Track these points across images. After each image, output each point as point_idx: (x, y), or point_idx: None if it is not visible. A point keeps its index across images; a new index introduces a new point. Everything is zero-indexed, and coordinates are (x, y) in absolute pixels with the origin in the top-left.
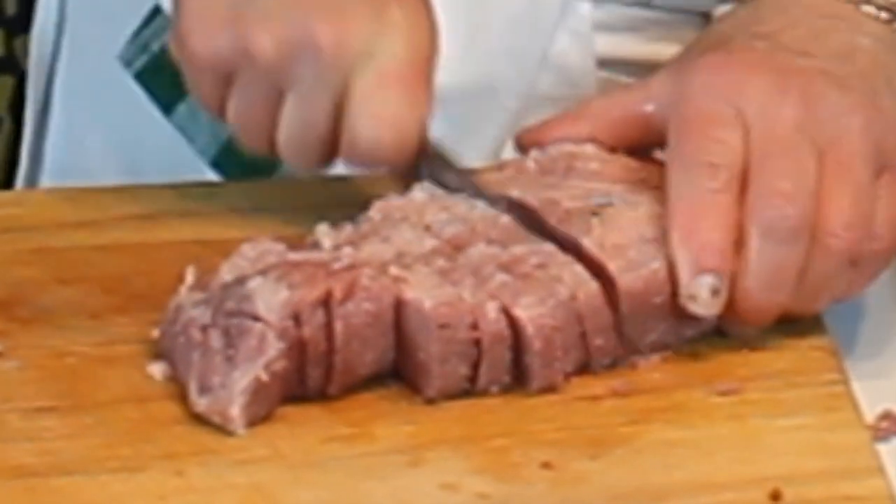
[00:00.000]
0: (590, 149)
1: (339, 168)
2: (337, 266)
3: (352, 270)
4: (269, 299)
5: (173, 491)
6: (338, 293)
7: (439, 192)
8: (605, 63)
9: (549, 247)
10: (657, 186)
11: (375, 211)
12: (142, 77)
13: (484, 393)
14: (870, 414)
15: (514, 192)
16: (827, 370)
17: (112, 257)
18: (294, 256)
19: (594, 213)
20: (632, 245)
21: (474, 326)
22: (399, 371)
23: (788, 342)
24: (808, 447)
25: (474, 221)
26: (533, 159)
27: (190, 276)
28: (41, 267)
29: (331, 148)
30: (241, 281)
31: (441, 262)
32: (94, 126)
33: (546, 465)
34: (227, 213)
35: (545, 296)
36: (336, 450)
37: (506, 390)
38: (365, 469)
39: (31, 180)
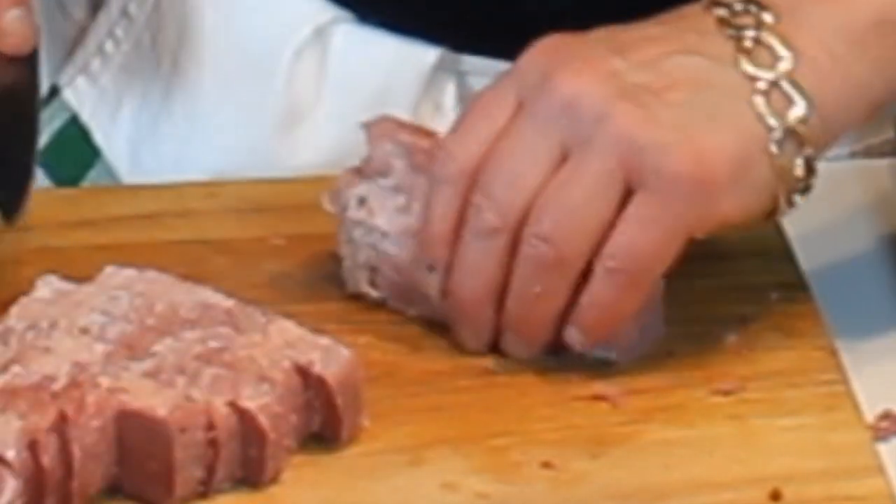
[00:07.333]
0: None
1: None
2: (57, 386)
3: (78, 388)
4: (2, 432)
5: None
6: (71, 414)
7: (63, 286)
8: None
9: (223, 329)
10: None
11: (14, 319)
12: (42, 156)
13: (217, 491)
14: (870, 414)
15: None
16: (827, 370)
17: (112, 257)
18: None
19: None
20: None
21: (210, 426)
22: (121, 486)
23: (788, 342)
24: (808, 447)
25: (125, 314)
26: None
27: None
28: (41, 267)
29: None
30: None
31: (146, 366)
32: None
33: (546, 465)
34: (227, 213)
35: (257, 382)
36: (336, 450)
37: (236, 486)
38: (365, 469)
39: None
